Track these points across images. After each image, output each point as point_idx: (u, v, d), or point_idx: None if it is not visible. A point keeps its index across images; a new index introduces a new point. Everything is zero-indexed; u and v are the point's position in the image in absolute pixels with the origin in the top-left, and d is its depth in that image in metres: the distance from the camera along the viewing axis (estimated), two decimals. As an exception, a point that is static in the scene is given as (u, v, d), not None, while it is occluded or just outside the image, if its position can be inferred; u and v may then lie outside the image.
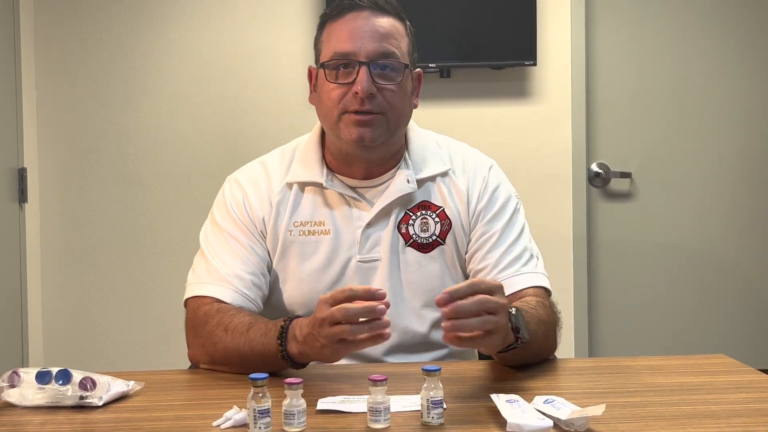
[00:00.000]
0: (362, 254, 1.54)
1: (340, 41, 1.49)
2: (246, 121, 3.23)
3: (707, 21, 3.30)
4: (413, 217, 1.56)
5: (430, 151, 1.61)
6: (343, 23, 1.51)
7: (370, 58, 1.48)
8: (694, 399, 1.22)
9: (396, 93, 1.50)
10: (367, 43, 1.48)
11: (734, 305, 3.36)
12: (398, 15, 1.55)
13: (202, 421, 1.15)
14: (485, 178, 1.61)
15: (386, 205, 1.54)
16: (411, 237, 1.56)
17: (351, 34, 1.49)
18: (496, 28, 3.15)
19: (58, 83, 3.23)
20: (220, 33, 3.22)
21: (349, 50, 1.48)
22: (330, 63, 1.50)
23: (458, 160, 1.62)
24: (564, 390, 1.28)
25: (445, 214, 1.57)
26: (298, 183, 1.57)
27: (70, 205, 3.25)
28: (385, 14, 1.52)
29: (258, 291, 1.53)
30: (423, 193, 1.58)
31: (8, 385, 1.25)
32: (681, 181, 3.33)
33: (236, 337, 1.39)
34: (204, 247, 1.57)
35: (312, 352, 1.29)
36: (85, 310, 3.26)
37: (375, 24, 1.50)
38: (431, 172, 1.59)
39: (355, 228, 1.55)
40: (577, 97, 3.24)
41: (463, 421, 1.12)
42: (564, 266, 3.25)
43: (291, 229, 1.56)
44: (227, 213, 1.58)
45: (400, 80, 1.51)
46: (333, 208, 1.56)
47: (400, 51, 1.52)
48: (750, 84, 3.32)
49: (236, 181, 1.61)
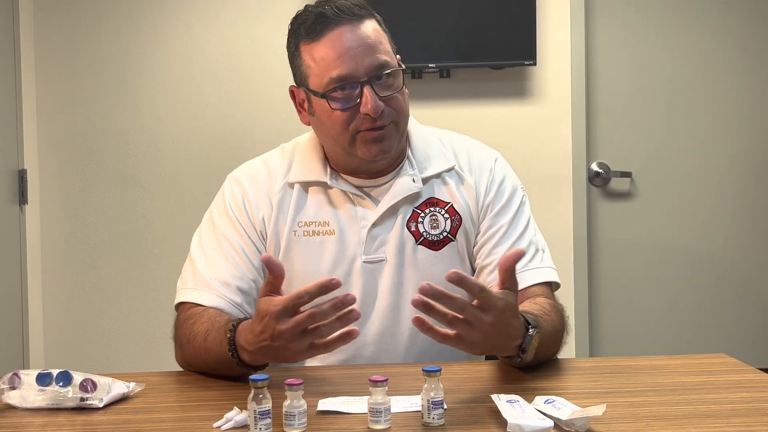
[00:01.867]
0: (368, 254, 1.52)
1: (331, 66, 1.43)
2: (247, 122, 3.23)
3: (707, 20, 3.30)
4: (422, 215, 1.54)
5: (434, 148, 1.59)
6: (326, 44, 1.44)
7: (369, 74, 1.44)
8: (695, 399, 1.22)
9: (400, 98, 1.49)
10: (361, 60, 1.43)
11: (735, 305, 3.36)
12: (371, 14, 1.50)
13: (202, 422, 1.15)
14: (492, 170, 1.59)
15: (392, 205, 1.53)
16: (422, 234, 1.54)
17: (340, 54, 1.43)
18: (495, 28, 3.15)
19: (58, 85, 3.23)
20: (220, 34, 3.22)
21: (345, 73, 1.43)
22: (331, 92, 1.45)
23: (463, 155, 1.60)
24: (565, 390, 1.28)
25: (454, 209, 1.55)
26: (300, 183, 1.55)
27: (71, 207, 3.25)
28: (362, 20, 1.46)
29: (245, 296, 1.49)
30: (429, 190, 1.56)
31: (9, 387, 1.24)
32: (681, 181, 3.33)
33: (197, 347, 1.38)
34: (193, 251, 1.55)
35: (264, 356, 1.25)
36: (85, 311, 3.26)
37: (360, 36, 1.45)
38: (436, 170, 1.57)
39: (360, 228, 1.53)
40: (577, 97, 3.24)
41: (464, 422, 1.12)
42: (564, 266, 3.25)
43: (295, 230, 1.53)
44: (225, 213, 1.55)
45: (401, 86, 1.49)
46: (337, 207, 1.54)
47: (390, 55, 1.48)
48: (750, 82, 3.32)
49: (236, 180, 1.59)
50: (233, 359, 1.29)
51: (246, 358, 1.28)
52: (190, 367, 1.44)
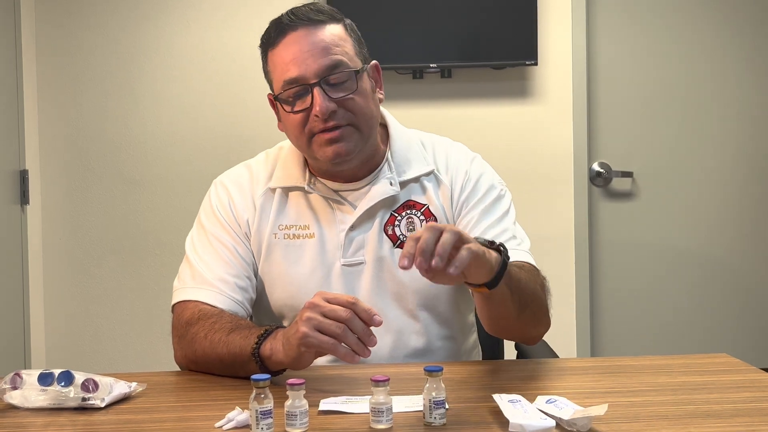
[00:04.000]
0: (346, 258, 1.53)
1: (284, 69, 1.47)
2: (248, 122, 3.23)
3: (709, 20, 3.30)
4: (398, 218, 1.55)
5: (414, 152, 1.60)
6: (282, 48, 1.48)
7: (318, 76, 1.45)
8: (697, 398, 1.22)
9: (357, 100, 1.48)
10: (312, 63, 1.45)
11: (737, 304, 3.35)
12: (333, 18, 1.51)
13: (204, 422, 1.15)
14: (467, 172, 1.59)
15: (369, 208, 1.53)
16: (398, 238, 1.54)
17: (293, 57, 1.46)
18: (497, 28, 3.15)
19: (59, 86, 3.23)
20: (220, 35, 3.23)
21: (296, 75, 1.45)
22: (283, 94, 1.49)
23: (441, 158, 1.61)
24: (566, 390, 1.28)
25: (429, 211, 1.56)
26: (281, 188, 1.57)
27: (72, 207, 3.25)
28: (319, 25, 1.48)
29: (244, 293, 1.52)
30: (407, 194, 1.57)
31: (10, 387, 1.25)
32: (683, 180, 3.33)
33: (215, 339, 1.39)
34: (189, 253, 1.57)
35: (283, 349, 1.28)
36: (86, 311, 3.26)
37: (314, 39, 1.46)
38: (415, 174, 1.57)
39: (338, 231, 1.54)
40: (579, 97, 3.24)
41: (466, 422, 1.12)
42: (566, 266, 3.25)
43: (276, 233, 1.55)
44: (213, 215, 1.58)
45: (356, 87, 1.48)
46: (317, 211, 1.55)
47: (347, 56, 1.48)
48: (752, 82, 3.32)
49: (221, 184, 1.62)
50: (254, 345, 1.31)
51: (266, 349, 1.30)
52: (195, 365, 1.44)
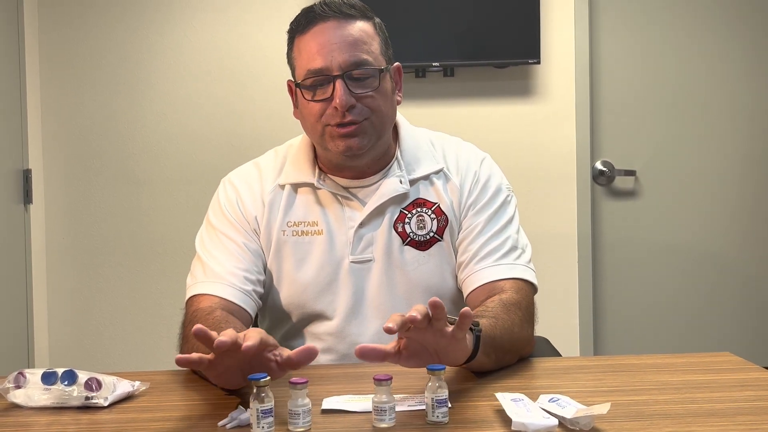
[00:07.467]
0: (355, 254, 1.54)
1: (310, 58, 1.48)
2: (251, 121, 3.23)
3: (711, 19, 3.30)
4: (409, 215, 1.56)
5: (423, 151, 1.61)
6: (310, 37, 1.49)
7: (343, 69, 1.46)
8: (700, 397, 1.22)
9: (376, 98, 1.49)
10: (338, 55, 1.46)
11: (739, 303, 3.35)
12: (365, 16, 1.52)
13: (207, 421, 1.15)
14: (476, 172, 1.60)
15: (379, 205, 1.54)
16: (408, 235, 1.55)
17: (320, 47, 1.47)
18: (499, 27, 3.15)
19: (62, 85, 3.24)
20: (223, 35, 3.23)
21: (321, 66, 1.46)
22: (305, 82, 1.49)
23: (452, 157, 1.62)
24: (569, 388, 1.28)
25: (440, 209, 1.57)
26: (290, 184, 1.58)
27: (75, 206, 3.25)
28: (350, 19, 1.49)
29: (255, 287, 1.54)
30: (416, 191, 1.58)
31: (14, 386, 1.25)
32: (686, 179, 3.33)
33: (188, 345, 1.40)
34: (199, 251, 1.58)
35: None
36: (90, 310, 3.27)
37: (342, 33, 1.47)
38: (424, 172, 1.58)
39: (347, 228, 1.55)
40: (581, 95, 3.24)
41: (468, 420, 1.12)
42: (568, 264, 3.25)
43: (284, 229, 1.56)
44: (221, 213, 1.59)
45: (377, 85, 1.49)
46: (326, 208, 1.56)
47: (373, 55, 1.49)
48: (755, 82, 3.32)
49: (230, 182, 1.63)
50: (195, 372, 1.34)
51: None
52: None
